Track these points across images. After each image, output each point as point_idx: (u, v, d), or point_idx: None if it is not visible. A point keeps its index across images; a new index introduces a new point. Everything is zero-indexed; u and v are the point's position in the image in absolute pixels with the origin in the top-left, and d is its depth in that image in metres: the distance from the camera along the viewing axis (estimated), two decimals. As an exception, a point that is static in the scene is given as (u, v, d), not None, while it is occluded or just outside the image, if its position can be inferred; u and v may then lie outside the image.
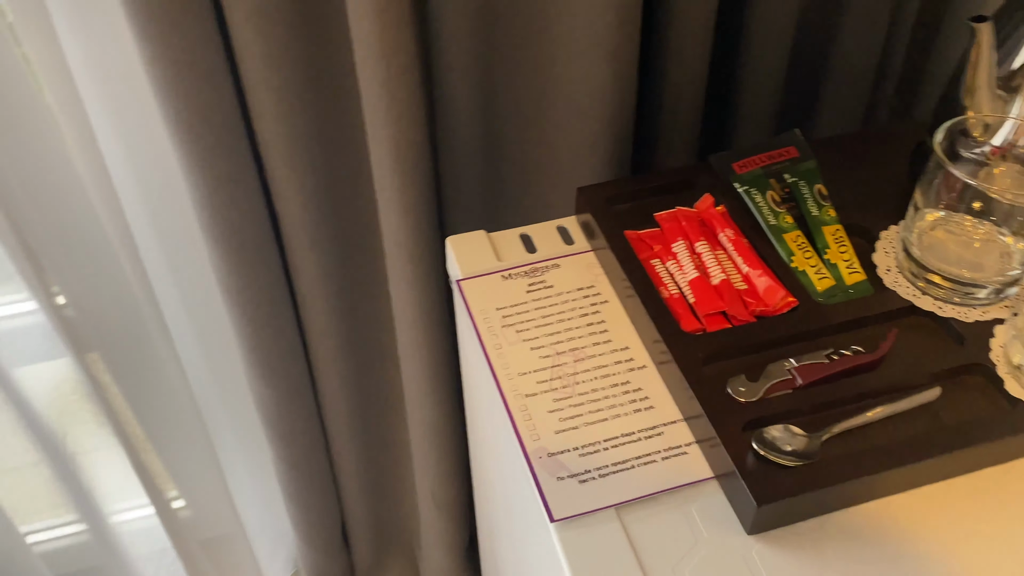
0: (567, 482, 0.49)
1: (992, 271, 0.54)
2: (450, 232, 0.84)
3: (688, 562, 0.45)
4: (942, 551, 0.45)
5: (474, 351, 0.65)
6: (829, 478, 0.45)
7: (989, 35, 0.52)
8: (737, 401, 0.50)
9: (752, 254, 0.58)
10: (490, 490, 0.73)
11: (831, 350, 0.52)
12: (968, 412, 0.50)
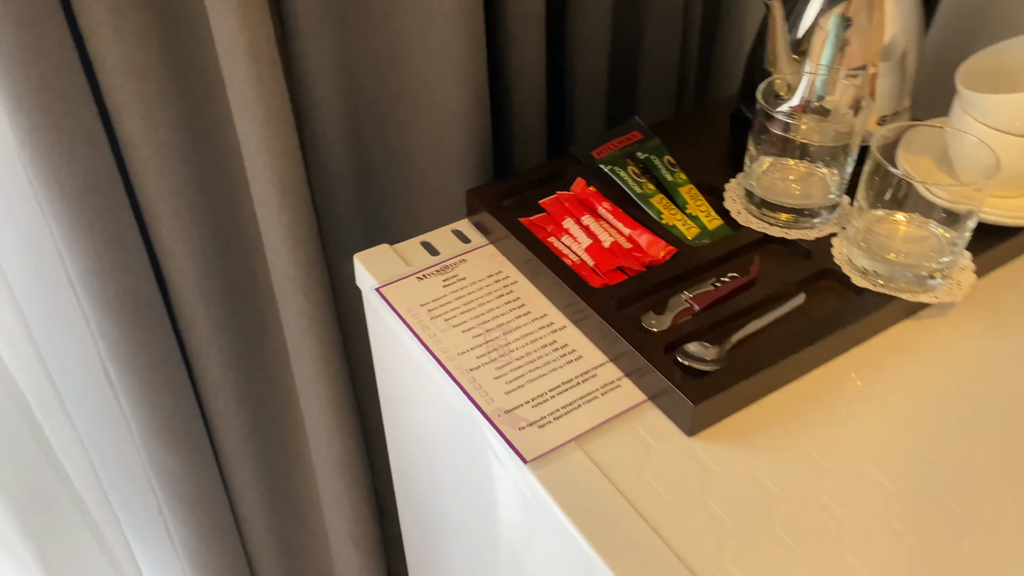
0: (528, 430, 0.55)
1: (818, 198, 0.66)
2: (332, 262, 0.88)
3: (648, 469, 0.52)
4: (839, 417, 0.56)
5: (396, 357, 0.70)
6: (742, 374, 0.55)
7: (780, 10, 0.65)
8: (652, 332, 0.58)
9: (629, 219, 0.68)
10: (432, 491, 0.76)
11: (714, 279, 0.62)
12: (829, 307, 0.61)
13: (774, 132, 0.65)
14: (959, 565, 0.47)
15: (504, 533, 0.62)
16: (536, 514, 0.54)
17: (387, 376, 0.75)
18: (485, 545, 0.67)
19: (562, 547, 0.52)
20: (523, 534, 0.59)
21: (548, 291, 0.64)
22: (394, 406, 0.77)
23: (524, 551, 0.59)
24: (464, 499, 0.68)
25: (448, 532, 0.76)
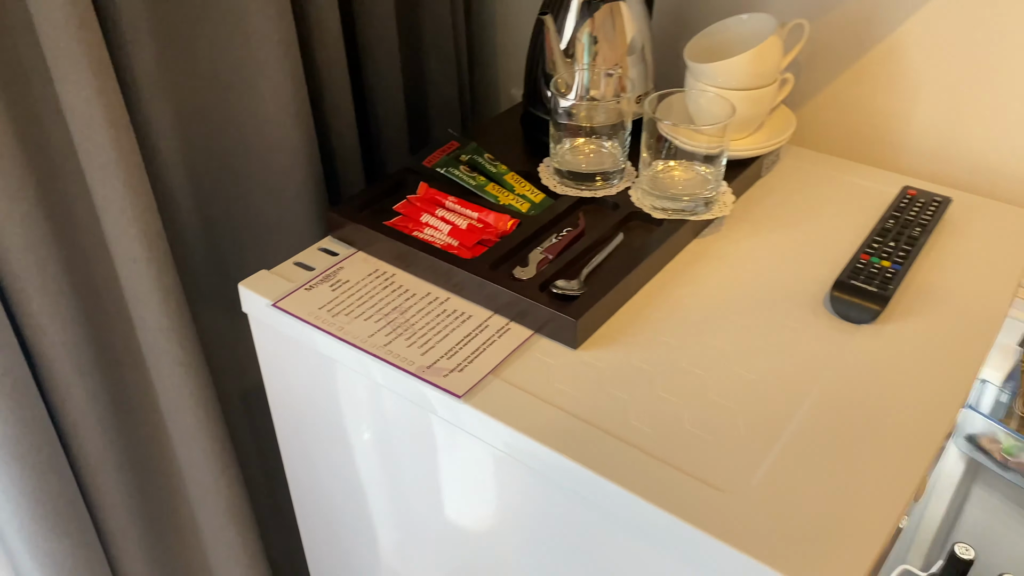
0: (451, 375, 0.66)
1: (609, 164, 0.84)
2: (197, 309, 0.93)
3: (553, 379, 0.66)
4: (672, 311, 0.73)
5: (297, 367, 0.78)
6: (600, 293, 0.70)
7: (552, 25, 0.84)
8: (523, 280, 0.72)
9: (473, 206, 0.82)
10: (354, 489, 0.84)
11: (555, 235, 0.78)
12: (643, 237, 0.79)
13: (565, 121, 0.82)
14: (780, 384, 0.66)
15: (449, 483, 0.72)
16: (478, 444, 0.66)
17: (288, 393, 0.82)
18: (433, 510, 0.76)
19: (508, 461, 0.64)
20: (469, 472, 0.69)
21: (426, 274, 0.76)
22: (295, 419, 0.84)
23: (475, 492, 0.70)
24: (400, 473, 0.77)
25: (373, 521, 0.84)
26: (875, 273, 0.73)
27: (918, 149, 0.94)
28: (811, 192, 0.89)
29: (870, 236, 0.79)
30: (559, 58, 0.86)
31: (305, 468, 0.89)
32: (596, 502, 0.60)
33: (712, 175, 0.80)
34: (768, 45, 0.83)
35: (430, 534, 0.78)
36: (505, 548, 0.71)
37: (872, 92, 0.94)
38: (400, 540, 0.83)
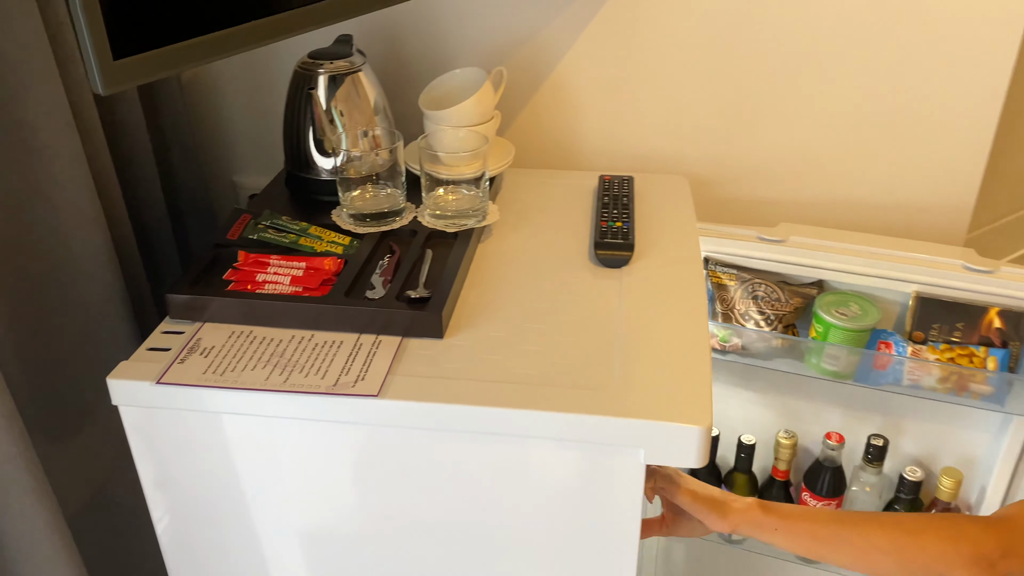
0: (358, 384, 0.78)
1: (393, 203, 1.01)
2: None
3: (439, 362, 0.81)
4: (496, 290, 0.92)
5: (184, 453, 0.82)
6: (444, 290, 0.87)
7: (319, 97, 0.98)
8: (379, 299, 0.86)
9: (297, 258, 0.92)
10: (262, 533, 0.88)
11: (379, 263, 0.92)
12: (447, 247, 0.96)
13: (347, 175, 0.98)
14: (593, 316, 0.88)
15: (375, 490, 0.82)
16: (401, 433, 0.78)
17: (173, 480, 0.84)
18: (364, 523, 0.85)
19: (436, 436, 0.77)
20: (394, 470, 0.80)
21: (285, 321, 0.85)
22: (181, 506, 0.86)
23: (404, 486, 0.81)
24: (323, 514, 0.84)
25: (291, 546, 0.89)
26: (616, 231, 1.00)
27: (593, 150, 1.25)
28: (539, 196, 1.14)
29: (598, 210, 1.06)
30: (326, 124, 1.01)
31: (194, 558, 0.90)
32: (519, 433, 0.76)
33: (480, 194, 1.01)
34: (485, 89, 1.07)
35: (367, 545, 0.87)
36: (447, 527, 0.83)
37: (552, 114, 1.23)
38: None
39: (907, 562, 0.85)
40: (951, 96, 1.13)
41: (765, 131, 1.20)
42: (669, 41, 1.16)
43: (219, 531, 0.88)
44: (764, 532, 0.89)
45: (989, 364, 1.05)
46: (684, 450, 0.74)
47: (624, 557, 0.82)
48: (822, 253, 1.13)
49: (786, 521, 0.88)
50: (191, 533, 0.88)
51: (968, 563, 0.81)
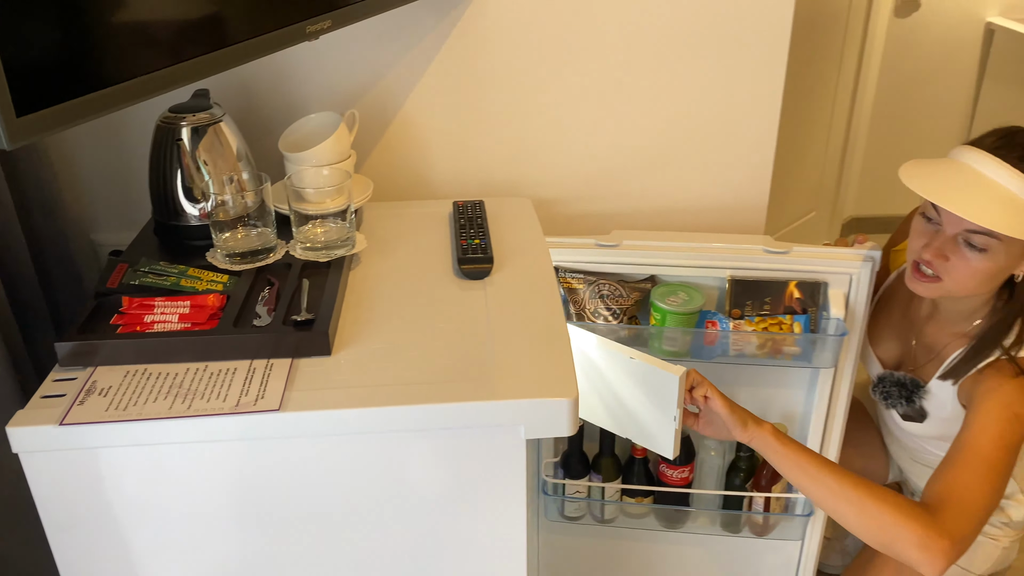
0: (259, 402, 0.84)
1: (264, 241, 1.08)
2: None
3: (330, 376, 0.89)
4: (373, 308, 1.01)
5: (89, 491, 0.85)
6: (326, 312, 0.95)
7: (187, 147, 1.04)
8: (267, 325, 0.93)
9: (180, 298, 0.98)
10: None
11: (261, 295, 0.99)
12: (322, 274, 1.05)
13: (219, 219, 1.04)
14: (467, 318, 0.99)
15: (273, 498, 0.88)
16: (301, 443, 0.85)
17: (81, 507, 0.87)
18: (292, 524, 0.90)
19: (336, 440, 0.85)
20: (295, 477, 0.87)
21: (178, 356, 0.91)
22: (87, 545, 0.89)
23: (306, 492, 0.88)
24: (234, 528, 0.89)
25: None
26: (476, 247, 1.12)
27: (444, 180, 1.37)
28: (400, 225, 1.24)
29: (457, 231, 1.17)
30: (194, 171, 1.07)
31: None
32: (413, 427, 0.85)
33: (347, 225, 1.10)
34: (341, 130, 1.17)
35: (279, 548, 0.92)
36: (354, 524, 0.91)
37: (404, 150, 1.34)
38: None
39: (865, 519, 1.06)
40: (737, 119, 1.34)
41: (590, 154, 1.37)
42: (501, 78, 1.31)
43: (129, 564, 0.91)
44: (769, 451, 1.12)
45: (795, 329, 1.25)
46: (557, 420, 0.86)
47: (514, 525, 0.93)
48: (651, 252, 1.29)
49: (786, 449, 1.11)
50: (99, 571, 0.91)
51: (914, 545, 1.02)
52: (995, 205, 1.09)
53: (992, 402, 1.13)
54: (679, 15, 1.28)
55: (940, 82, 2.98)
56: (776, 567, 1.49)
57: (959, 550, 1.03)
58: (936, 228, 1.17)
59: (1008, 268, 1.16)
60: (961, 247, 1.14)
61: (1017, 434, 1.11)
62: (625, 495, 1.43)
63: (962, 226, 1.13)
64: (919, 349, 1.34)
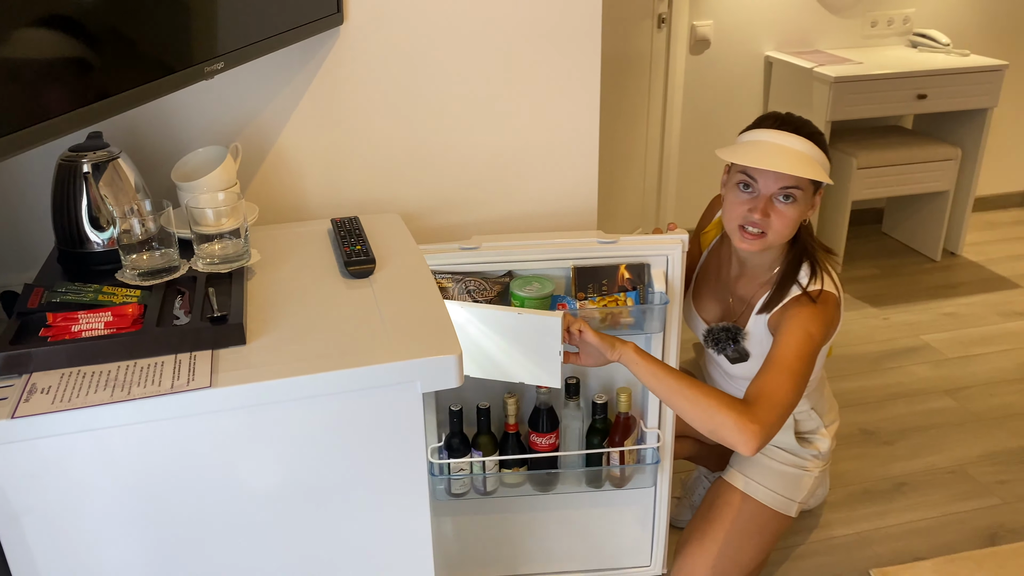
0: (192, 382, 0.99)
1: (169, 260, 1.21)
2: None
3: (252, 359, 1.04)
4: (279, 305, 1.17)
5: (47, 476, 0.96)
6: (237, 308, 1.10)
7: (92, 181, 1.17)
8: (187, 323, 1.07)
9: (101, 310, 1.10)
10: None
11: (175, 301, 1.13)
12: (226, 283, 1.19)
13: (126, 243, 1.18)
14: (343, 302, 1.17)
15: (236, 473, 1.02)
16: (235, 414, 1.00)
17: (32, 498, 0.97)
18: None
19: (269, 408, 1.00)
20: (228, 446, 1.01)
21: (108, 355, 1.03)
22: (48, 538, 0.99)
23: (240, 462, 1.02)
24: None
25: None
26: (358, 252, 1.30)
27: (320, 203, 1.54)
28: (286, 243, 1.40)
29: (339, 240, 1.35)
30: (102, 204, 1.19)
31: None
32: (329, 391, 1.02)
33: (242, 241, 1.25)
34: (228, 161, 1.33)
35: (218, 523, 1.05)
36: (281, 488, 1.05)
37: (282, 176, 1.51)
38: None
39: (699, 411, 1.37)
40: (566, 140, 1.61)
41: (448, 172, 1.59)
42: (364, 109, 1.51)
43: (79, 547, 1.01)
44: (632, 364, 1.40)
45: (628, 303, 1.51)
46: (447, 374, 1.06)
47: (416, 471, 1.11)
48: (506, 251, 1.52)
49: (644, 360, 1.39)
50: (47, 562, 1.01)
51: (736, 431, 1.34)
52: (797, 162, 1.44)
53: (792, 324, 1.47)
54: (509, 52, 1.53)
55: (734, 108, 3.44)
56: (636, 515, 1.74)
57: (767, 434, 1.34)
58: (753, 194, 1.49)
59: (804, 213, 1.49)
60: (776, 203, 1.48)
61: (811, 348, 1.45)
62: (503, 467, 1.63)
63: (777, 184, 1.47)
64: (735, 303, 1.65)
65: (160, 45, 1.06)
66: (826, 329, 1.50)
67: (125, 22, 0.99)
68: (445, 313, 1.16)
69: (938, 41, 3.34)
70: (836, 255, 1.65)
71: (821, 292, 1.51)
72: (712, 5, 3.26)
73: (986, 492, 2.13)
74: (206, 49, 1.11)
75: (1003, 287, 3.20)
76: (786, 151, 1.46)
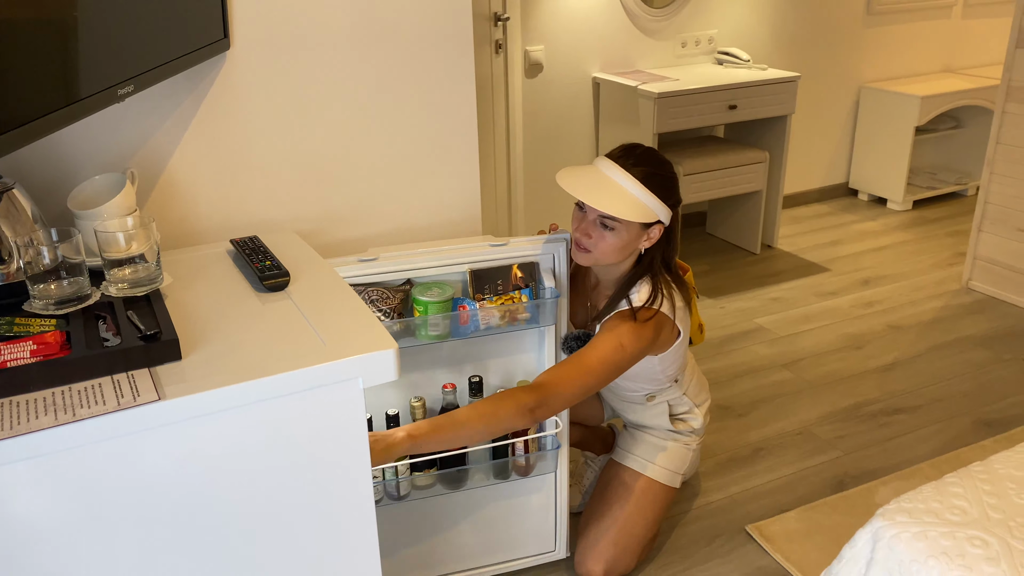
0: (139, 397, 0.99)
1: (78, 288, 1.19)
2: None
3: (193, 372, 1.06)
4: (208, 320, 1.18)
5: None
6: (166, 327, 1.11)
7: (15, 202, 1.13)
8: (119, 344, 1.07)
9: (21, 340, 1.07)
10: None
11: (98, 323, 1.12)
12: (144, 305, 1.19)
13: (32, 274, 1.15)
14: (285, 316, 1.21)
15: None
16: (181, 426, 1.01)
17: None
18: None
19: (205, 423, 1.01)
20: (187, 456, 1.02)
21: (41, 382, 1.01)
22: None
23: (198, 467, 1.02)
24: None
25: None
26: (270, 267, 1.33)
27: (216, 225, 1.55)
28: (191, 267, 1.40)
29: (247, 259, 1.37)
30: (4, 237, 1.16)
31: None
32: (275, 394, 1.05)
33: (153, 264, 1.25)
34: (128, 187, 1.32)
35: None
36: (230, 491, 1.06)
37: (177, 201, 1.50)
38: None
39: (491, 424, 1.45)
40: (449, 158, 1.70)
41: (337, 189, 1.64)
42: (253, 130, 1.54)
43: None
44: (417, 449, 1.42)
45: (523, 299, 1.62)
46: (386, 368, 1.12)
47: (359, 460, 1.16)
48: (404, 260, 1.59)
49: (422, 438, 1.41)
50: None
51: (517, 413, 1.44)
52: (616, 198, 1.57)
53: (608, 333, 1.60)
54: (388, 72, 1.61)
55: (569, 125, 3.68)
56: (541, 502, 1.84)
57: (540, 415, 1.48)
58: (583, 215, 1.63)
59: (633, 243, 1.64)
60: (598, 227, 1.61)
61: (618, 357, 1.58)
62: (414, 470, 1.69)
63: (597, 212, 1.60)
64: (592, 310, 1.80)
65: (72, 71, 1.05)
66: (642, 344, 1.60)
67: (37, 50, 0.99)
68: (371, 314, 1.22)
69: (740, 58, 3.74)
70: (689, 286, 1.78)
71: (651, 312, 1.63)
72: (543, 31, 3.49)
73: (829, 447, 2.41)
74: (117, 72, 1.11)
75: (816, 272, 3.62)
76: (608, 185, 1.58)
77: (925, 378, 2.75)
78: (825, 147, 4.39)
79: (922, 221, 4.16)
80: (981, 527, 1.20)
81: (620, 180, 1.58)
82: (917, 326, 3.11)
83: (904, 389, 2.70)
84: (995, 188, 3.29)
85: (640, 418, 1.93)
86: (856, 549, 1.27)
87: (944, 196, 4.48)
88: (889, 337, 3.03)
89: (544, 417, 1.48)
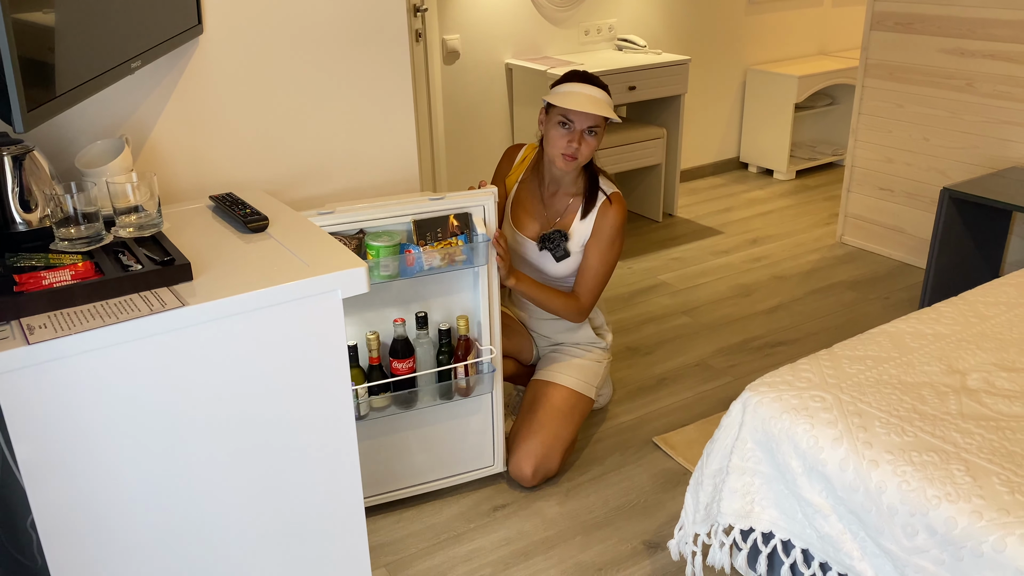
0: (169, 302, 1.25)
1: (96, 228, 1.44)
2: None
3: (199, 291, 1.32)
4: (210, 257, 1.44)
5: (70, 396, 1.17)
6: (177, 256, 1.37)
7: (15, 169, 1.36)
8: (140, 269, 1.32)
9: (59, 269, 1.31)
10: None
11: (119, 256, 1.37)
12: (152, 243, 1.44)
13: (58, 220, 1.39)
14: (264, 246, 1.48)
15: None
16: (216, 325, 1.27)
17: (50, 418, 1.18)
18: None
19: (225, 325, 1.28)
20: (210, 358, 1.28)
21: (83, 298, 1.26)
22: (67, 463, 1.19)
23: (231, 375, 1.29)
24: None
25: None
26: (250, 213, 1.59)
27: (193, 185, 1.79)
28: (179, 220, 1.65)
29: (229, 208, 1.63)
30: (34, 187, 1.39)
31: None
32: (279, 300, 1.32)
33: (155, 212, 1.50)
34: (127, 150, 1.56)
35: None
36: (238, 393, 1.33)
37: (161, 164, 1.74)
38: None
39: (559, 305, 2.04)
40: (389, 128, 1.99)
41: (296, 155, 1.91)
42: (222, 104, 1.79)
43: (84, 458, 1.23)
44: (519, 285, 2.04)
45: (460, 244, 1.92)
46: (359, 282, 1.41)
47: (340, 368, 1.44)
48: (357, 212, 1.87)
49: (522, 284, 2.00)
50: (58, 472, 1.22)
51: (576, 309, 2.05)
52: (601, 106, 2.01)
53: (601, 235, 2.10)
54: (338, 53, 1.89)
55: (486, 108, 3.99)
56: (480, 422, 2.15)
57: (587, 313, 2.07)
58: (570, 129, 2.05)
59: (600, 143, 2.11)
60: (585, 136, 2.06)
61: (615, 252, 2.11)
62: (371, 393, 1.97)
63: (586, 123, 2.04)
64: (551, 215, 2.19)
65: (101, 47, 1.30)
66: (623, 230, 2.15)
67: (79, 31, 1.24)
68: (341, 245, 1.50)
69: (637, 44, 4.13)
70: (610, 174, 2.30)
71: (615, 193, 2.17)
72: (458, 21, 3.78)
73: (721, 375, 2.80)
74: (132, 49, 1.36)
75: (711, 235, 4.04)
76: (593, 98, 2.04)
77: (803, 317, 3.19)
78: (717, 125, 4.83)
79: (803, 188, 4.65)
80: (820, 388, 1.58)
81: (596, 94, 2.07)
82: (797, 275, 3.55)
83: (785, 327, 3.12)
84: (860, 153, 3.76)
85: (568, 336, 2.27)
86: (731, 417, 1.63)
87: (823, 166, 4.99)
88: (774, 286, 3.46)
89: (585, 317, 2.18)
